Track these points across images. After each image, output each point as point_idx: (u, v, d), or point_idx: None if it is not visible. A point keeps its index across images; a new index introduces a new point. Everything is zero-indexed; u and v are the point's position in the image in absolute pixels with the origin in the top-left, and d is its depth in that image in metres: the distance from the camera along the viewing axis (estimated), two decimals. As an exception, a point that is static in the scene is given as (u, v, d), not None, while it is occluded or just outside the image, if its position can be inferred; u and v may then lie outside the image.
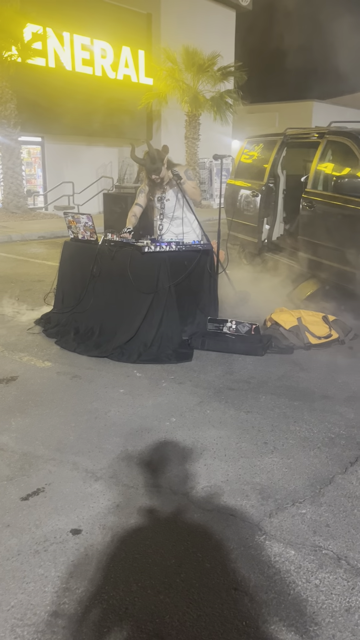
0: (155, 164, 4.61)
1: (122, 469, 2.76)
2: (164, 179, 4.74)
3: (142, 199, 4.92)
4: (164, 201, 4.83)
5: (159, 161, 4.62)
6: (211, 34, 18.80)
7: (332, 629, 1.83)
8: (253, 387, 3.79)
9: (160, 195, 4.86)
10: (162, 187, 4.81)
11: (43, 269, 8.05)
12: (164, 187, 4.81)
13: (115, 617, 1.86)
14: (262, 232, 6.97)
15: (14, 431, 3.15)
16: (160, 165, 4.63)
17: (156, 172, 4.66)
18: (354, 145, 5.41)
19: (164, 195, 4.84)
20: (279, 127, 18.15)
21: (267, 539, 2.24)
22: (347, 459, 2.87)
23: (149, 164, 4.62)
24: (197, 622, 1.85)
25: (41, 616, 1.87)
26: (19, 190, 14.92)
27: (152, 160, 4.61)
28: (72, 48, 16.28)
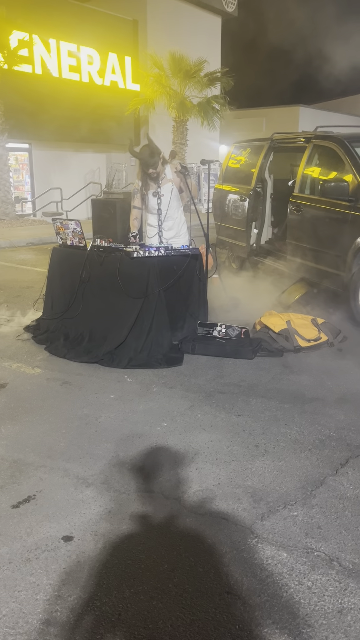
0: (154, 158, 4.68)
1: (113, 474, 2.75)
2: (159, 173, 4.80)
3: (138, 200, 4.95)
4: (160, 196, 4.87)
5: (157, 155, 4.69)
6: (197, 40, 18.90)
7: (325, 631, 1.83)
8: (243, 391, 3.80)
9: (155, 190, 4.88)
10: (157, 182, 4.85)
11: (32, 275, 8.02)
12: (159, 182, 4.85)
13: (108, 623, 1.85)
14: (251, 236, 7.00)
15: (4, 438, 3.12)
16: (158, 160, 4.70)
17: (154, 166, 4.71)
18: (339, 150, 5.47)
19: (159, 190, 4.88)
20: (265, 132, 18.25)
21: (259, 542, 2.24)
22: (337, 460, 2.89)
23: (148, 157, 4.67)
24: (191, 626, 1.84)
25: (33, 624, 1.86)
26: (6, 197, 14.88)
27: (152, 153, 4.67)
28: (58, 55, 16.29)
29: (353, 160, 5.25)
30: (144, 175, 4.86)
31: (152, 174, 4.76)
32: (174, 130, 18.28)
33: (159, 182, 4.85)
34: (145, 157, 4.69)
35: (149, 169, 4.74)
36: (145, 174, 4.82)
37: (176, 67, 17.07)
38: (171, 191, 4.87)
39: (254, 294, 6.12)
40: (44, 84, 15.57)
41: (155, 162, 4.70)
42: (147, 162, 4.71)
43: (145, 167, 4.74)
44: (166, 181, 4.85)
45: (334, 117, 23.60)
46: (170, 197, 4.87)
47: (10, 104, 14.42)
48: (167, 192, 4.87)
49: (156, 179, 4.83)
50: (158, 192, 4.86)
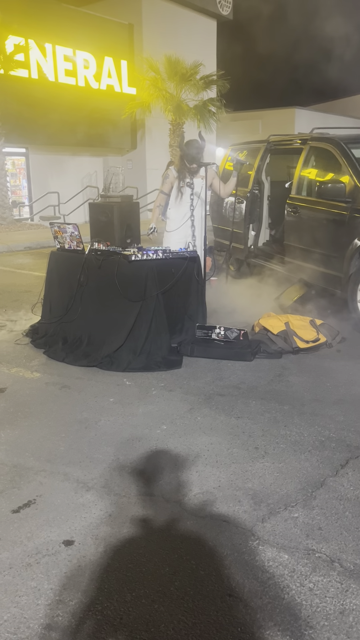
0: (200, 154, 5.15)
1: (113, 478, 2.74)
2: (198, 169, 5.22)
3: (167, 186, 5.31)
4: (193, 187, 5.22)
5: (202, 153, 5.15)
6: (193, 43, 18.95)
7: (327, 632, 1.83)
8: (243, 393, 3.80)
9: (189, 181, 5.25)
10: (193, 176, 5.24)
11: (30, 279, 8.02)
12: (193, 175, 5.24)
13: (110, 627, 1.85)
14: (249, 238, 7.01)
15: (4, 443, 3.12)
16: (201, 157, 5.16)
17: (197, 162, 5.15)
18: (336, 151, 5.48)
19: (192, 181, 5.25)
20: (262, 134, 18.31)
21: (260, 544, 2.24)
22: (337, 461, 2.89)
23: (196, 153, 5.12)
24: (193, 629, 1.84)
25: (35, 629, 1.85)
26: (4, 201, 14.89)
27: (199, 150, 5.13)
28: (54, 59, 16.32)
29: (349, 162, 5.27)
30: (183, 168, 5.24)
31: (193, 168, 5.19)
32: (170, 133, 18.31)
33: (193, 176, 5.24)
34: (192, 152, 5.11)
35: (192, 164, 5.16)
36: (186, 167, 5.22)
37: (172, 70, 17.11)
38: (202, 187, 5.26)
39: (252, 295, 6.13)
40: (40, 88, 15.59)
41: (200, 159, 5.14)
42: (194, 157, 5.13)
43: (190, 161, 5.15)
44: (198, 176, 5.26)
45: (330, 118, 23.66)
46: (200, 190, 5.25)
47: (6, 109, 14.44)
48: (197, 185, 5.25)
49: (194, 173, 5.23)
50: (191, 183, 5.21)
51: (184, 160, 5.22)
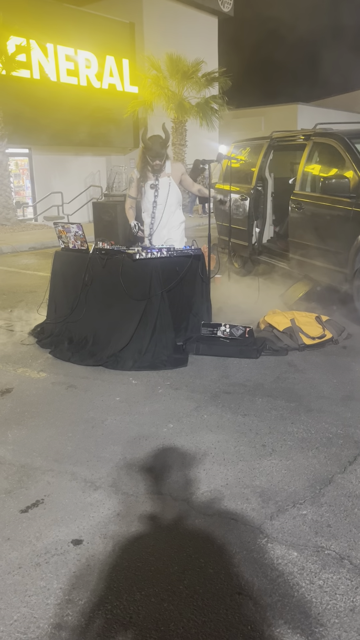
0: (164, 149, 4.75)
1: (121, 477, 2.74)
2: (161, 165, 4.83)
3: (133, 189, 4.98)
4: (157, 189, 4.89)
5: (166, 148, 4.76)
6: (194, 40, 18.93)
7: (338, 630, 1.82)
8: (249, 390, 3.79)
9: (153, 183, 4.89)
10: (157, 174, 4.87)
11: (35, 279, 8.03)
12: (158, 174, 4.87)
13: (120, 626, 1.85)
14: (253, 235, 6.99)
15: (11, 443, 3.13)
16: (165, 152, 4.76)
17: (161, 158, 4.76)
18: (339, 146, 5.46)
19: (157, 182, 4.88)
20: (265, 131, 18.26)
21: (269, 542, 2.24)
22: (345, 458, 2.88)
23: (159, 148, 4.72)
24: (202, 628, 1.84)
25: (44, 629, 1.85)
26: (7, 202, 14.91)
27: (163, 144, 4.73)
28: (56, 59, 16.34)
29: (353, 157, 5.24)
30: (144, 166, 4.87)
31: (157, 165, 4.80)
32: (173, 131, 18.29)
33: (157, 175, 4.87)
34: (157, 147, 4.73)
35: (155, 160, 4.78)
36: (148, 164, 4.84)
37: (174, 68, 17.10)
38: (169, 185, 4.88)
39: (256, 293, 6.11)
40: (42, 88, 15.61)
41: (165, 154, 4.77)
42: (157, 152, 4.74)
43: (154, 157, 4.77)
44: (164, 175, 4.88)
45: (332, 114, 23.58)
46: (168, 190, 4.88)
47: (9, 110, 14.46)
48: (164, 185, 4.88)
49: (158, 171, 4.86)
50: (156, 185, 4.88)
51: (146, 156, 4.80)
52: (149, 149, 4.76)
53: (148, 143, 4.76)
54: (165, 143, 4.76)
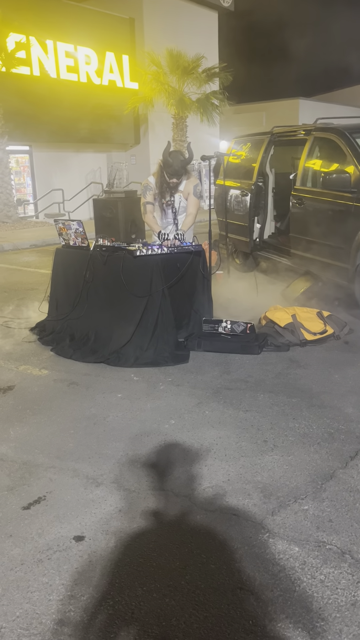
0: (183, 169, 4.64)
1: (123, 473, 2.75)
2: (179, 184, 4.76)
3: (150, 196, 4.86)
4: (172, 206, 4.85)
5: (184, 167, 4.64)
6: (194, 36, 18.85)
7: (339, 624, 1.83)
8: (251, 386, 3.79)
9: (169, 200, 4.82)
10: (172, 192, 4.80)
11: (36, 277, 8.03)
12: (172, 191, 4.81)
13: (122, 622, 1.86)
14: (254, 231, 6.98)
15: (13, 440, 3.13)
16: (184, 171, 4.66)
17: (178, 177, 4.67)
18: (340, 141, 5.44)
19: (172, 199, 4.83)
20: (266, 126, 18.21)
21: (270, 537, 2.24)
22: (347, 453, 2.88)
23: (178, 167, 4.60)
24: (204, 623, 1.84)
25: (47, 625, 1.86)
26: (8, 199, 14.91)
27: (183, 163, 4.61)
28: (56, 55, 16.29)
29: (354, 152, 5.22)
30: (162, 182, 4.75)
31: (172, 183, 4.71)
32: (173, 127, 18.26)
33: (172, 192, 4.80)
34: (177, 165, 4.59)
35: (172, 178, 4.66)
36: (165, 182, 4.73)
37: (174, 64, 17.04)
38: (179, 203, 4.87)
39: (258, 288, 6.10)
40: (42, 85, 15.58)
41: (182, 174, 4.65)
42: (175, 171, 4.61)
43: (171, 175, 4.64)
44: (178, 192, 4.83)
45: (334, 108, 23.48)
46: (178, 207, 4.88)
47: (9, 107, 14.44)
48: (176, 202, 4.87)
49: (175, 189, 4.78)
50: (171, 202, 4.83)
51: (164, 172, 4.69)
52: (169, 165, 4.61)
53: (168, 160, 4.60)
54: (186, 163, 4.63)
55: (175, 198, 4.85)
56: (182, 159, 4.65)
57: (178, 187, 4.79)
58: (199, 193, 4.80)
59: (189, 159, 4.70)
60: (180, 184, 4.78)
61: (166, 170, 4.68)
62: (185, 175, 4.76)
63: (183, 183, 4.81)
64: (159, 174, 4.79)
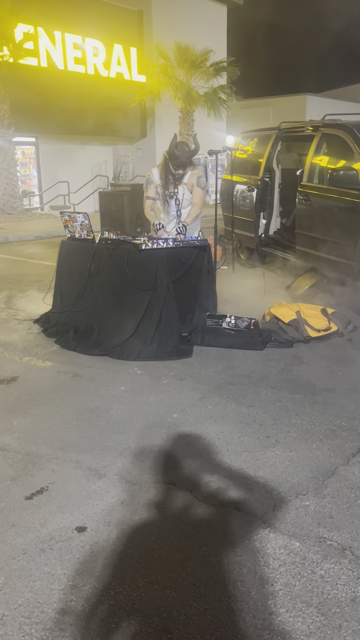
0: (187, 160, 4.62)
1: (125, 466, 2.76)
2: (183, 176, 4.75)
3: (152, 190, 4.88)
4: (176, 198, 4.84)
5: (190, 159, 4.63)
6: (203, 29, 18.75)
7: (339, 619, 1.84)
8: (254, 382, 3.80)
9: (172, 191, 4.82)
10: (177, 183, 4.80)
11: (41, 269, 8.04)
12: (177, 182, 4.80)
13: (123, 612, 1.87)
14: (259, 226, 6.97)
15: (17, 431, 3.15)
16: (189, 163, 4.64)
17: (184, 168, 4.65)
18: (348, 138, 5.41)
19: (176, 191, 4.82)
20: (273, 122, 18.12)
21: (271, 532, 2.25)
22: (349, 450, 2.88)
23: (184, 158, 4.59)
24: (204, 615, 1.86)
25: (49, 614, 1.88)
26: (14, 191, 14.90)
27: (189, 154, 4.60)
28: (63, 47, 16.24)
29: (362, 148, 5.20)
30: (167, 175, 4.74)
31: (178, 175, 4.70)
32: (180, 121, 18.19)
33: (176, 183, 4.78)
34: (183, 157, 4.58)
35: (178, 170, 4.66)
36: (170, 173, 4.72)
37: (182, 57, 16.96)
38: (183, 195, 4.84)
39: (262, 284, 6.10)
40: (49, 76, 15.54)
41: (186, 165, 4.63)
42: (181, 162, 4.61)
43: (177, 167, 4.63)
44: (182, 184, 4.80)
45: (341, 105, 23.38)
46: (182, 199, 4.86)
47: (16, 98, 14.41)
48: (180, 194, 4.84)
49: (179, 180, 4.77)
50: (175, 194, 4.82)
51: (169, 163, 4.67)
52: (175, 157, 4.61)
53: (175, 152, 4.60)
54: (192, 155, 4.62)
55: (179, 190, 4.83)
56: (189, 150, 4.66)
57: (182, 179, 4.79)
58: (203, 184, 4.78)
59: (195, 150, 4.71)
60: (185, 175, 4.77)
61: (172, 162, 4.68)
62: (190, 166, 4.76)
63: (187, 175, 4.79)
64: (163, 165, 4.80)
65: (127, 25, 17.95)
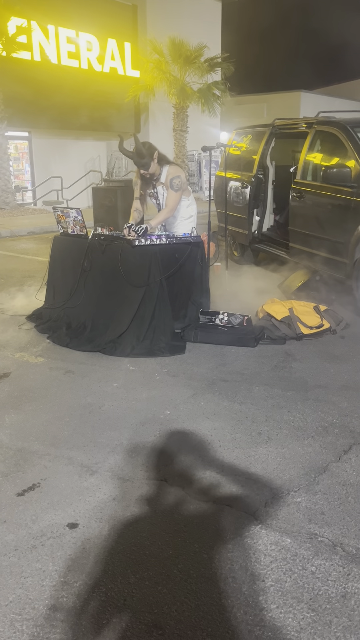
0: (144, 159, 4.50)
1: (117, 462, 2.76)
2: (154, 174, 4.65)
3: (137, 190, 4.86)
4: (157, 197, 4.78)
5: (148, 156, 4.51)
6: (197, 25, 18.68)
7: (329, 615, 1.85)
8: (246, 379, 3.80)
9: (151, 191, 4.77)
10: (151, 183, 4.74)
11: (33, 264, 8.01)
12: (153, 183, 4.73)
13: (114, 609, 1.87)
14: (253, 223, 6.97)
15: (8, 427, 3.14)
16: (149, 161, 4.52)
17: (144, 167, 4.55)
18: (342, 135, 5.42)
19: (155, 191, 4.76)
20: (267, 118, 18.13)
21: (263, 528, 2.26)
22: (340, 447, 2.90)
23: (137, 159, 4.52)
24: (196, 611, 1.86)
25: (40, 610, 1.88)
26: (7, 186, 14.81)
27: (140, 154, 4.49)
28: (57, 41, 16.13)
29: (355, 146, 5.21)
30: (140, 175, 4.72)
31: (145, 175, 4.63)
32: (174, 117, 18.16)
33: (153, 183, 4.71)
34: (134, 158, 4.53)
35: (141, 170, 4.60)
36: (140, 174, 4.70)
37: (176, 52, 16.90)
38: (163, 194, 4.72)
39: (255, 281, 6.11)
40: (43, 71, 15.43)
41: (146, 164, 4.52)
42: (136, 163, 4.56)
43: (140, 167, 4.58)
44: (160, 183, 4.69)
45: (336, 102, 23.37)
46: (163, 200, 4.74)
47: (9, 92, 14.30)
48: (160, 194, 4.74)
49: (149, 180, 4.70)
50: (155, 193, 4.76)
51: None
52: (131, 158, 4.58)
53: (126, 153, 4.57)
54: (142, 152, 4.45)
55: (159, 190, 4.74)
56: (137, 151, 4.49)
57: (159, 178, 4.68)
58: (177, 186, 4.61)
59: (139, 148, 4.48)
60: (158, 174, 4.65)
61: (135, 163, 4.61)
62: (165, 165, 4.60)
63: (163, 174, 4.65)
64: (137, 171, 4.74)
65: (121, 20, 17.85)
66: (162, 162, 4.64)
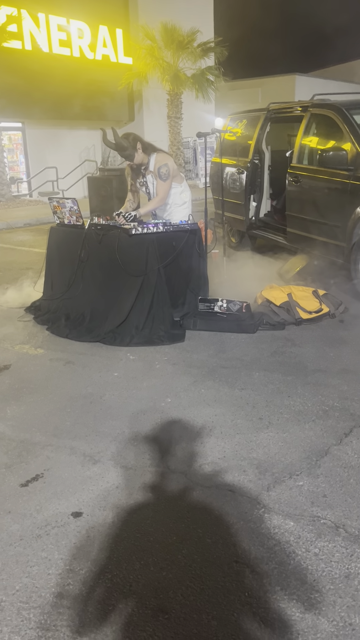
0: (126, 151, 4.51)
1: (119, 451, 2.77)
2: (142, 164, 4.65)
3: (129, 182, 4.89)
4: (147, 186, 4.77)
5: (130, 148, 4.51)
6: (189, 9, 18.42)
7: (333, 596, 1.87)
8: (246, 365, 3.81)
9: (141, 180, 4.76)
10: (141, 172, 4.73)
11: (30, 256, 7.98)
12: (143, 172, 4.72)
13: (120, 594, 1.89)
14: (249, 209, 6.94)
15: (10, 419, 3.15)
16: (132, 152, 4.53)
17: (129, 159, 4.58)
18: (337, 118, 5.38)
19: (145, 180, 4.74)
20: (262, 103, 17.96)
21: (265, 512, 2.27)
22: (341, 430, 2.91)
23: (119, 152, 4.55)
24: (200, 595, 1.88)
25: (46, 598, 1.90)
26: (2, 177, 14.73)
27: (120, 147, 4.50)
28: (48, 29, 15.92)
29: (351, 128, 5.17)
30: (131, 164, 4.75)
31: (132, 166, 4.66)
32: (168, 104, 17.98)
33: (143, 172, 4.71)
34: (117, 150, 4.56)
35: (127, 160, 4.62)
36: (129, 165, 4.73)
37: (169, 38, 16.69)
38: (153, 183, 4.71)
39: (254, 267, 6.09)
40: (34, 60, 15.26)
41: (129, 155, 4.53)
42: (121, 156, 4.59)
43: (124, 158, 4.61)
44: (149, 172, 4.68)
45: (331, 84, 23.13)
46: (153, 188, 4.73)
47: (1, 82, 14.16)
48: (150, 182, 4.73)
49: (138, 170, 4.71)
50: (145, 182, 4.76)
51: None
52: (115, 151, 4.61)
53: (110, 145, 4.57)
54: (121, 145, 4.47)
55: (148, 179, 4.72)
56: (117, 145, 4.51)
57: (148, 167, 4.66)
58: (164, 175, 4.58)
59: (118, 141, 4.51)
60: (146, 164, 4.64)
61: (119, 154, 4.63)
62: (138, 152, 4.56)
63: (151, 163, 4.63)
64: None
65: (112, 6, 17.61)
66: (148, 151, 4.63)
